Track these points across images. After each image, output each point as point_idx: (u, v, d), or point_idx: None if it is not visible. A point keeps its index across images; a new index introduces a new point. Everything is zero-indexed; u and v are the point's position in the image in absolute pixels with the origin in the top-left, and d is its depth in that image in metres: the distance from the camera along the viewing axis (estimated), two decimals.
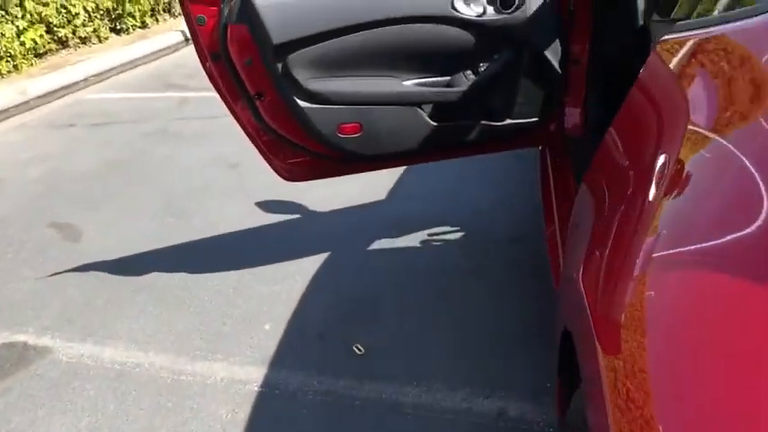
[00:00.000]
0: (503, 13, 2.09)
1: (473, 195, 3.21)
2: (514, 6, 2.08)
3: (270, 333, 2.39)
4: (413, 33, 2.06)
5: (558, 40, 2.22)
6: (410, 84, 2.19)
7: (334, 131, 2.14)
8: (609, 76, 2.59)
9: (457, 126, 2.30)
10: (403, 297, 2.53)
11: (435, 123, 2.24)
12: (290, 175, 2.45)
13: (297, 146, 2.28)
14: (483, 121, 2.32)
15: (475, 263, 2.67)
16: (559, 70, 2.26)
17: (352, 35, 2.00)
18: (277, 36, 1.91)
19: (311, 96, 2.05)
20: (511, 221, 2.94)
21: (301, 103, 2.06)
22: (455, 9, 2.05)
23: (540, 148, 2.79)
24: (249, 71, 2.03)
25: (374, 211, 3.14)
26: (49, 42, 6.91)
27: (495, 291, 2.50)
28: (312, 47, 1.98)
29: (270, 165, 2.40)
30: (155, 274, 2.79)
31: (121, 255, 2.99)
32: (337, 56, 2.03)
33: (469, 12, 2.07)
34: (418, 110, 2.20)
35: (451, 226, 2.91)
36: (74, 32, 7.26)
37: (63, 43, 7.16)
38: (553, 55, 2.22)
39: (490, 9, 2.10)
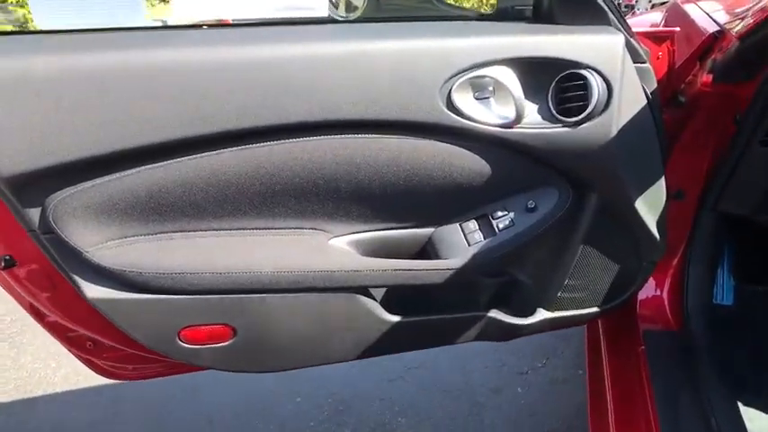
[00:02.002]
0: (557, 125, 0.96)
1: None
2: (587, 113, 0.95)
3: None
4: (357, 149, 0.93)
5: (662, 177, 1.09)
6: (348, 244, 1.04)
7: (171, 340, 1.00)
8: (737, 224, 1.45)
9: (440, 322, 1.16)
10: None
11: (398, 319, 1.10)
12: (122, 372, 1.30)
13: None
14: (493, 314, 1.17)
15: None
16: (657, 234, 1.12)
17: (211, 153, 0.88)
18: (9, 160, 0.78)
19: (114, 279, 0.91)
20: None
21: (91, 291, 0.91)
22: (454, 110, 0.92)
23: (588, 326, 1.63)
24: None
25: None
26: None
27: None
28: (113, 176, 0.85)
29: (84, 363, 1.25)
30: None
31: None
32: (175, 191, 0.90)
33: (486, 117, 0.94)
34: (361, 298, 1.05)
35: None
36: None
37: None
38: (648, 204, 1.09)
39: (532, 114, 0.96)
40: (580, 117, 0.94)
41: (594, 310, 1.23)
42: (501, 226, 1.05)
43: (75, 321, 1.06)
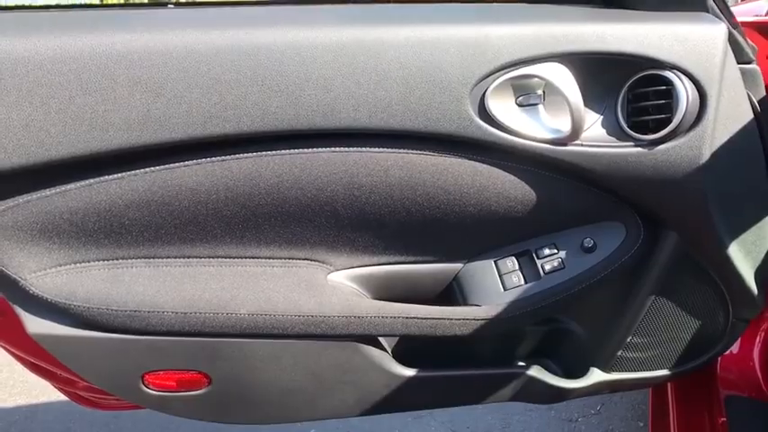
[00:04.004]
0: (627, 143, 0.73)
1: None
2: (670, 128, 0.71)
3: None
4: (359, 166, 0.73)
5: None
6: (350, 279, 0.84)
7: (132, 385, 0.83)
8: None
9: (465, 379, 0.94)
10: None
11: (412, 373, 0.88)
12: (105, 403, 1.15)
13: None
14: (534, 373, 0.93)
15: None
16: (754, 287, 0.87)
17: (171, 166, 0.70)
18: None
19: (58, 312, 0.75)
20: None
21: (32, 325, 0.76)
22: (489, 120, 0.70)
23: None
24: None
25: None
26: None
27: None
28: (54, 190, 0.70)
29: (65, 395, 1.12)
30: None
31: None
32: (131, 209, 0.72)
33: (531, 129, 0.72)
34: (365, 348, 0.85)
35: None
36: None
37: None
38: (745, 249, 0.84)
39: (594, 128, 0.74)
40: (660, 134, 0.71)
41: (663, 373, 0.98)
42: (547, 268, 0.83)
43: (30, 353, 0.91)
